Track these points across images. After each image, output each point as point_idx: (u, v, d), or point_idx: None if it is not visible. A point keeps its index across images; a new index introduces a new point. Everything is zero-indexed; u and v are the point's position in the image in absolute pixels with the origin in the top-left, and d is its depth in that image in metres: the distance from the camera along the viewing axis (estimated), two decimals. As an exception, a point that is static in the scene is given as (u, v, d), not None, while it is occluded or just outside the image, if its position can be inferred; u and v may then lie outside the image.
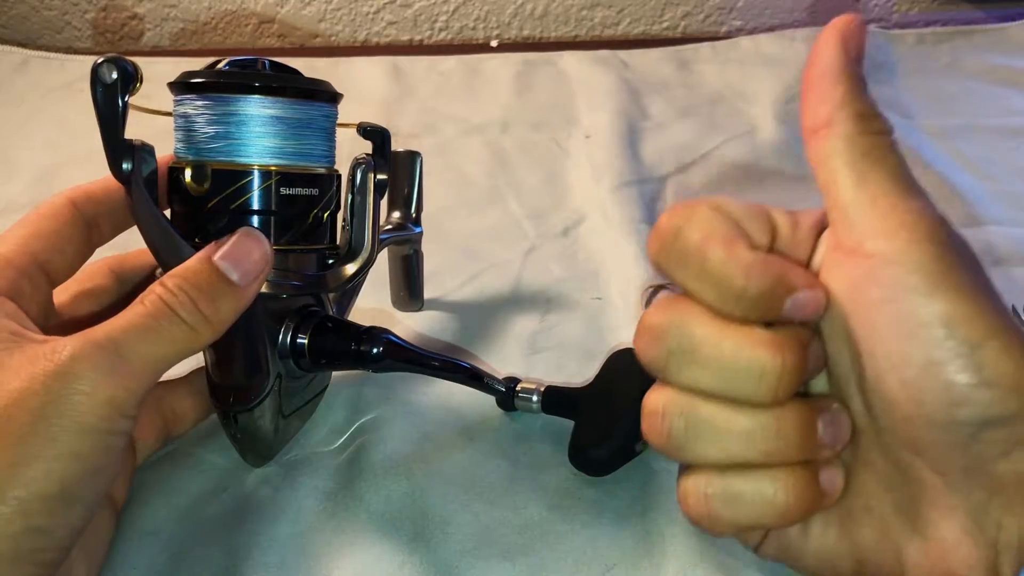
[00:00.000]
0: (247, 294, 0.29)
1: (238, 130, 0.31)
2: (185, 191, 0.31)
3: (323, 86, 0.33)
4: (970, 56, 0.72)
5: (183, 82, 0.32)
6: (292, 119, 0.32)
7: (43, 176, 0.56)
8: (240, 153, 0.31)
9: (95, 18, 0.79)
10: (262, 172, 0.31)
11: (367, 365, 0.36)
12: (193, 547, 0.33)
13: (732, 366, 0.24)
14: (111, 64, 0.28)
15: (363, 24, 0.80)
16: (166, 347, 0.27)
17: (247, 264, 0.29)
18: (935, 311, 0.22)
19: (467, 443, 0.38)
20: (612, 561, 0.33)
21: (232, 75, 0.32)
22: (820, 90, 0.26)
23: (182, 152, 0.32)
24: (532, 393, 0.37)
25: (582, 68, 0.70)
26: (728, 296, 0.24)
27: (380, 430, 0.38)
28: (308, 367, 0.36)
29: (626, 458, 0.35)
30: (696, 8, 0.80)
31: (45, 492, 0.25)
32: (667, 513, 0.34)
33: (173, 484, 0.36)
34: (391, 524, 0.34)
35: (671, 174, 0.57)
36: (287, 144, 0.32)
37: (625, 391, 0.35)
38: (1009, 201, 0.54)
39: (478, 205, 0.55)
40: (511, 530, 0.34)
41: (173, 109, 0.32)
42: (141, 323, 0.27)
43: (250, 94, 0.31)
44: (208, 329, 0.28)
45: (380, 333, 0.36)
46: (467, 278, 0.48)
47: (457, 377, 0.38)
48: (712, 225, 0.25)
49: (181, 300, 0.28)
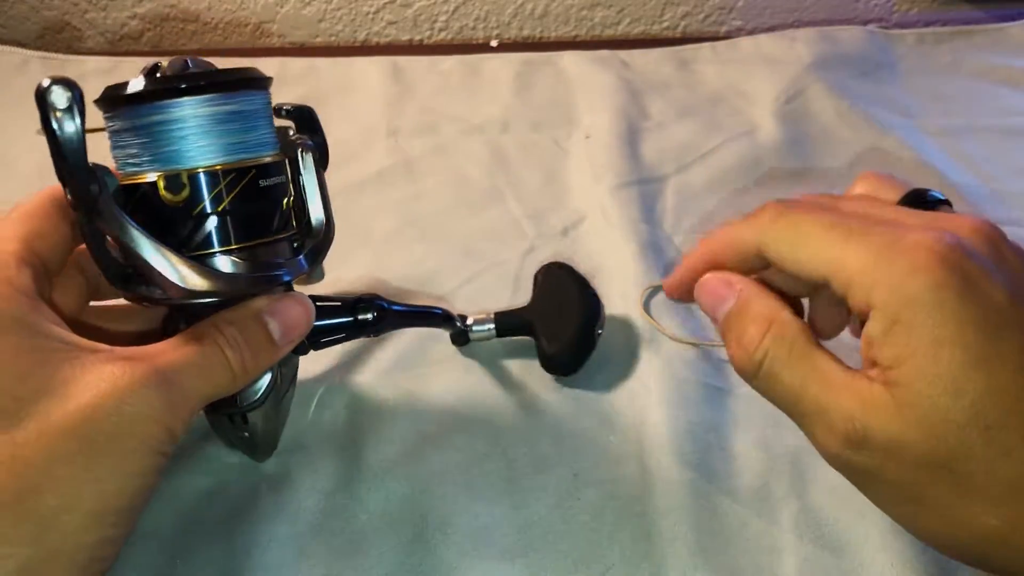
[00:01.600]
0: (282, 354, 0.32)
1: (208, 131, 0.30)
2: (157, 204, 0.30)
3: (260, 73, 0.32)
4: (970, 56, 0.72)
5: (131, 94, 0.30)
6: (249, 112, 0.31)
7: (43, 176, 0.56)
8: (214, 154, 0.30)
9: (95, 18, 0.78)
10: (241, 169, 0.31)
11: (367, 332, 0.37)
12: (193, 547, 0.33)
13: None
14: (62, 86, 0.27)
15: (363, 24, 0.80)
16: (212, 388, 0.30)
17: (291, 329, 0.32)
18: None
19: (467, 443, 0.38)
20: (612, 561, 0.33)
21: (192, 77, 0.30)
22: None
23: (138, 166, 0.30)
24: (485, 323, 0.41)
25: (582, 68, 0.70)
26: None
27: (379, 431, 0.38)
28: (303, 348, 0.36)
29: (591, 347, 0.40)
30: (696, 8, 0.80)
31: (117, 506, 0.27)
32: (667, 513, 0.34)
33: (173, 485, 0.36)
34: (390, 525, 0.34)
35: (671, 174, 0.57)
36: (251, 137, 0.31)
37: (566, 294, 0.41)
38: (1009, 201, 0.54)
39: (478, 205, 0.55)
40: (511, 530, 0.34)
41: (111, 124, 0.31)
42: (197, 361, 0.29)
43: (204, 93, 0.30)
44: (244, 379, 0.31)
45: (372, 299, 0.37)
46: (467, 278, 0.48)
47: (434, 322, 0.41)
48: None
49: (234, 349, 0.30)
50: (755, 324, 0.29)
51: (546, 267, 0.43)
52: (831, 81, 0.66)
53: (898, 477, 0.26)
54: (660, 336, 0.43)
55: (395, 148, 0.60)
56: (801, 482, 0.36)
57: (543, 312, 0.41)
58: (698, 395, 0.39)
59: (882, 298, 0.26)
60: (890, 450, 0.26)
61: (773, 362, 0.28)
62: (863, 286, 0.26)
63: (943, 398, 0.25)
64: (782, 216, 0.29)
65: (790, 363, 0.28)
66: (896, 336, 0.25)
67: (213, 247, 0.31)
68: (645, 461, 0.36)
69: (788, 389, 0.28)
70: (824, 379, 0.27)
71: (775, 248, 0.29)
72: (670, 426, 0.38)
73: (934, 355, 0.25)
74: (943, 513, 0.26)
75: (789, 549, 0.33)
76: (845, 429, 0.26)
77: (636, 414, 0.39)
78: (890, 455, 0.26)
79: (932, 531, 0.27)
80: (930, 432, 0.25)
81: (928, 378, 0.25)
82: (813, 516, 0.34)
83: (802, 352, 0.28)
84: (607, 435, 0.38)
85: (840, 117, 0.62)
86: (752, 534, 0.33)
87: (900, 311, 0.25)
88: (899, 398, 0.25)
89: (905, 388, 0.25)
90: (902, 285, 0.25)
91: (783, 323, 0.29)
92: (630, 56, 0.72)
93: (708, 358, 0.42)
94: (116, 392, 0.27)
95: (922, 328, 0.25)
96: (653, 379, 0.40)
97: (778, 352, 0.28)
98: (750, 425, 0.38)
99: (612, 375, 0.41)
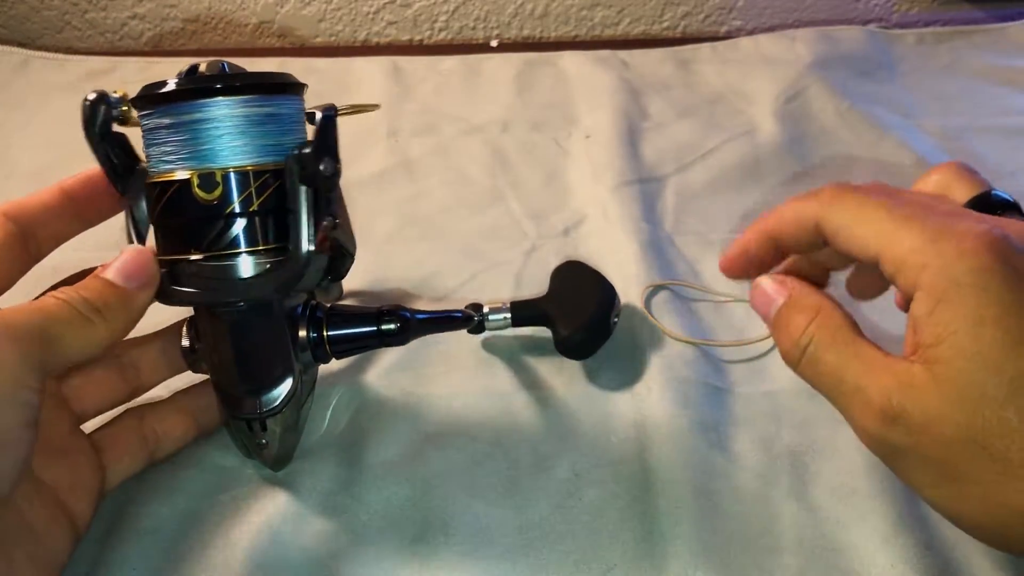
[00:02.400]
0: (137, 297, 0.31)
1: (244, 132, 0.31)
2: (189, 202, 0.31)
3: (295, 79, 0.33)
4: (970, 56, 0.72)
5: (173, 91, 0.31)
6: (284, 115, 0.32)
7: (43, 176, 0.56)
8: (248, 155, 0.31)
9: (95, 18, 0.78)
10: (274, 171, 0.31)
11: (390, 342, 0.37)
12: (194, 547, 0.33)
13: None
14: (100, 101, 0.31)
15: (363, 24, 0.80)
16: (64, 329, 0.29)
17: (128, 268, 0.31)
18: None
19: (468, 444, 0.38)
20: (613, 561, 0.33)
21: (232, 78, 0.31)
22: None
23: (172, 164, 0.31)
24: (500, 311, 0.41)
25: (582, 68, 0.70)
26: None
27: (381, 432, 0.38)
28: (325, 357, 0.36)
29: (607, 332, 0.41)
30: (696, 8, 0.80)
31: None
32: (668, 513, 0.34)
33: (174, 484, 0.36)
34: (392, 525, 0.34)
35: (671, 174, 0.57)
36: (285, 140, 0.32)
37: (581, 284, 0.43)
38: (1009, 201, 0.54)
39: (479, 205, 0.55)
40: (512, 531, 0.34)
41: (147, 122, 0.31)
42: (37, 307, 0.29)
43: (244, 95, 0.30)
44: (106, 327, 0.30)
45: (395, 310, 0.37)
46: (468, 278, 0.48)
47: (455, 325, 0.40)
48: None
49: (74, 298, 0.30)
50: (802, 313, 0.30)
51: (562, 264, 0.44)
52: (831, 81, 0.66)
53: (934, 454, 0.26)
54: (661, 335, 0.43)
55: (395, 148, 0.60)
56: (802, 482, 0.36)
57: (559, 302, 0.42)
58: (699, 394, 0.39)
59: (929, 279, 0.26)
60: (926, 426, 0.26)
61: (817, 346, 0.29)
62: (913, 266, 0.27)
63: (982, 375, 0.25)
64: (846, 193, 0.30)
65: (833, 347, 0.29)
66: (939, 315, 0.26)
67: (239, 247, 0.31)
68: (646, 460, 0.36)
69: (830, 371, 0.29)
70: (865, 361, 0.28)
71: (835, 222, 0.30)
72: (671, 425, 0.38)
73: (976, 334, 0.25)
74: (981, 493, 0.26)
75: (790, 549, 0.33)
76: (882, 405, 0.27)
77: (637, 413, 0.39)
78: (926, 431, 0.26)
79: (971, 514, 0.27)
80: (967, 408, 0.25)
81: (968, 355, 0.25)
82: (813, 516, 0.34)
83: (845, 338, 0.29)
84: (608, 435, 0.38)
85: (840, 117, 0.62)
86: (753, 534, 0.33)
87: (946, 291, 0.26)
88: (938, 375, 0.26)
89: (945, 365, 0.26)
90: (949, 267, 0.26)
91: (828, 312, 0.30)
92: (630, 56, 0.72)
93: (709, 358, 0.42)
94: None
95: (965, 308, 0.26)
96: (654, 379, 0.40)
97: (822, 337, 0.29)
98: (751, 425, 0.38)
99: (613, 374, 0.41)
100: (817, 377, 0.30)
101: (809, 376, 0.30)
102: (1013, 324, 0.25)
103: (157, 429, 0.36)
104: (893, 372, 0.27)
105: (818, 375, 0.30)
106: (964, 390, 0.25)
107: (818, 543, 0.33)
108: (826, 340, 0.29)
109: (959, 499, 0.27)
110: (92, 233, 0.35)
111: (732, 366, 0.42)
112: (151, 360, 0.36)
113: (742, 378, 0.41)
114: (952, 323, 0.26)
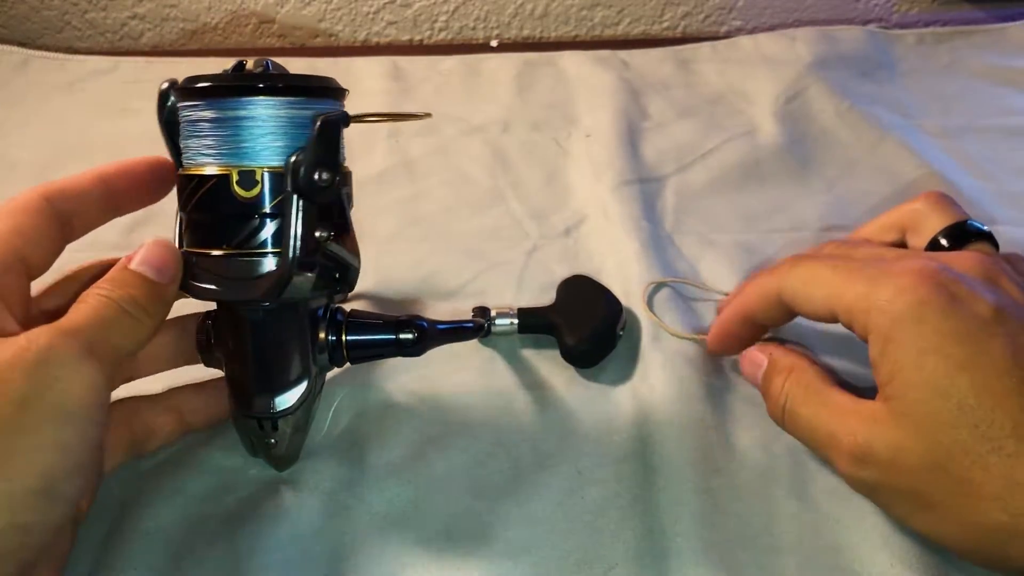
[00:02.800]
0: (167, 289, 0.31)
1: (287, 133, 0.31)
2: (226, 198, 0.30)
3: (339, 85, 0.34)
4: (970, 56, 0.72)
5: (222, 86, 0.31)
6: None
7: (43, 176, 0.56)
8: (288, 156, 0.30)
9: (95, 18, 0.78)
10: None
11: (407, 352, 0.37)
12: (196, 547, 0.33)
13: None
14: (171, 88, 0.32)
15: (363, 24, 0.80)
16: (123, 337, 0.29)
17: (158, 261, 0.31)
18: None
19: (470, 443, 0.38)
20: (615, 560, 0.33)
21: (281, 78, 0.31)
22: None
23: (211, 158, 0.31)
24: (507, 317, 0.42)
25: (582, 68, 0.70)
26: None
27: (383, 432, 0.38)
28: (341, 361, 0.36)
29: (612, 344, 0.42)
30: (696, 8, 0.80)
31: (29, 486, 0.24)
32: (670, 511, 0.34)
33: (176, 484, 0.36)
34: (393, 526, 0.34)
35: (671, 174, 0.57)
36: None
37: (588, 297, 0.43)
38: (1009, 201, 0.54)
39: (479, 205, 0.55)
40: (513, 531, 0.34)
41: (188, 114, 0.31)
42: (99, 314, 0.28)
43: (292, 96, 0.30)
44: (148, 322, 0.30)
45: (414, 320, 0.37)
46: (469, 278, 0.48)
47: (469, 335, 0.41)
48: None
49: (120, 295, 0.29)
50: (780, 375, 0.33)
51: (569, 277, 0.46)
52: (831, 81, 0.66)
53: (905, 485, 0.27)
54: (663, 334, 0.43)
55: (396, 148, 0.60)
56: (802, 481, 0.36)
57: (566, 312, 0.42)
58: (700, 393, 0.39)
59: (876, 322, 0.28)
60: (892, 460, 0.27)
61: (792, 402, 0.32)
62: (861, 313, 0.29)
63: (933, 403, 0.26)
64: (799, 262, 0.33)
65: (806, 400, 0.31)
66: (889, 354, 0.28)
67: (267, 248, 0.31)
68: (648, 459, 0.36)
69: (805, 423, 0.31)
70: (834, 409, 0.30)
71: (790, 291, 0.33)
72: (673, 424, 0.38)
73: (919, 365, 0.27)
74: (954, 515, 0.27)
75: (790, 548, 0.33)
76: (850, 446, 0.28)
77: (639, 412, 0.39)
78: (893, 464, 0.27)
79: (953, 537, 0.28)
80: (924, 436, 0.27)
81: (915, 386, 0.27)
82: (813, 515, 0.34)
83: (816, 390, 0.31)
84: (610, 434, 0.38)
85: (840, 117, 0.62)
86: (754, 532, 0.34)
87: (890, 330, 0.28)
88: (894, 409, 0.27)
89: (899, 399, 0.27)
90: (890, 306, 0.28)
91: (801, 370, 0.33)
92: (630, 56, 0.72)
93: (710, 356, 0.42)
94: (23, 361, 0.25)
95: (908, 342, 0.27)
96: (656, 377, 0.40)
97: (796, 393, 0.32)
98: (752, 423, 0.38)
99: (615, 373, 0.41)
100: (796, 431, 0.32)
101: (791, 431, 0.33)
102: (953, 350, 0.27)
103: (148, 422, 0.36)
104: (858, 414, 0.29)
105: (797, 429, 0.32)
106: (919, 420, 0.27)
107: (818, 542, 0.33)
108: (800, 396, 0.32)
109: (939, 524, 0.28)
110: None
111: (733, 365, 0.42)
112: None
113: (743, 377, 0.41)
114: (899, 359, 0.27)
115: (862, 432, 0.28)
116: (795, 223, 0.53)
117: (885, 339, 0.28)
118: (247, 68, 0.32)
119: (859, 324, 0.30)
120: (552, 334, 0.42)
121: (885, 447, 0.27)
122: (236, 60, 0.32)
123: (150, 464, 0.37)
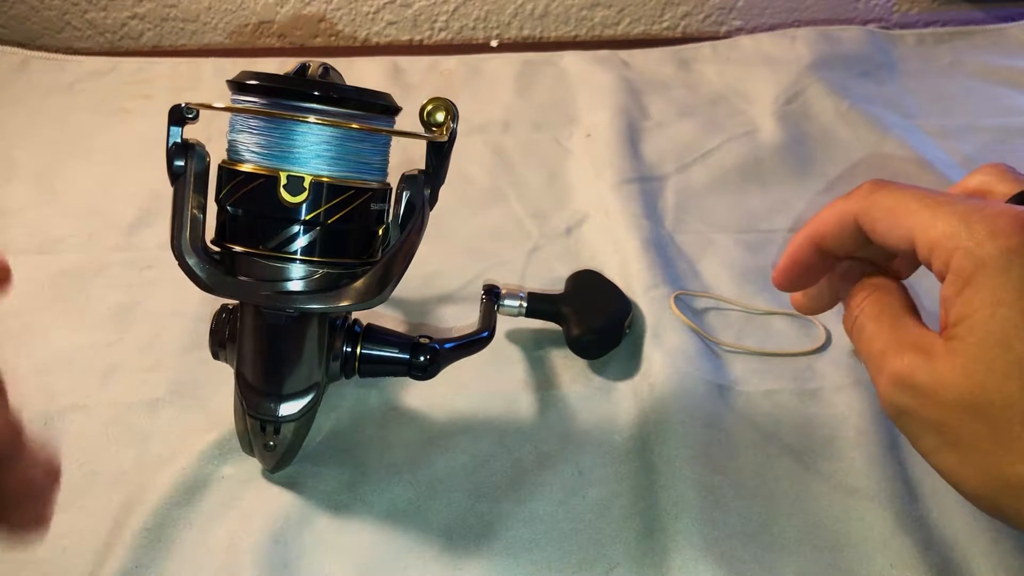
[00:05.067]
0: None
1: (341, 144, 0.31)
2: (270, 199, 0.30)
3: (395, 103, 0.33)
4: (970, 56, 0.72)
5: (290, 89, 0.30)
6: (378, 136, 0.32)
7: (43, 176, 0.56)
8: (338, 167, 0.31)
9: (95, 18, 0.78)
10: (359, 188, 0.31)
11: (418, 375, 0.36)
12: (197, 549, 0.33)
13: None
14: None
15: (363, 24, 0.80)
16: None
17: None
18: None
19: (471, 444, 0.38)
20: (616, 559, 0.33)
21: (347, 90, 0.31)
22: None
23: (259, 157, 0.31)
24: (516, 298, 0.42)
25: (582, 68, 0.70)
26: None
27: (385, 433, 0.38)
28: (351, 372, 0.36)
29: (619, 338, 0.42)
30: (696, 8, 0.80)
31: None
32: (671, 510, 0.34)
33: (177, 484, 0.36)
34: (394, 526, 0.34)
35: (671, 173, 0.57)
36: (373, 160, 0.32)
37: (599, 292, 0.44)
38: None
39: (481, 205, 0.55)
40: (515, 531, 0.34)
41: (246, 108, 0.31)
42: None
43: (354, 108, 0.31)
44: None
45: (429, 343, 0.36)
46: (471, 278, 0.48)
47: (480, 346, 0.40)
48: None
49: None
50: (864, 290, 0.32)
51: (580, 271, 0.46)
52: (831, 81, 0.66)
53: (936, 416, 0.27)
54: (664, 333, 0.43)
55: (396, 148, 0.60)
56: (802, 481, 0.36)
57: (574, 303, 0.43)
58: (701, 392, 0.40)
59: (958, 262, 0.27)
60: (932, 390, 0.27)
61: (864, 316, 0.31)
62: (944, 250, 0.28)
63: (991, 350, 0.26)
64: (881, 187, 0.31)
65: (877, 316, 0.31)
66: (964, 296, 0.27)
67: (297, 254, 0.31)
68: (649, 458, 0.37)
69: (867, 337, 0.31)
70: (898, 332, 0.30)
71: (871, 215, 0.31)
72: (673, 423, 0.38)
73: (991, 313, 0.26)
74: (978, 461, 0.27)
75: (790, 547, 0.33)
76: (897, 368, 0.28)
77: (639, 411, 0.39)
78: (931, 395, 0.27)
79: (970, 482, 0.28)
80: (971, 378, 0.27)
81: (980, 332, 0.26)
82: (814, 515, 0.34)
83: (892, 311, 0.31)
84: (611, 433, 0.38)
85: (840, 117, 0.62)
86: (754, 531, 0.34)
87: (973, 274, 0.27)
88: (952, 348, 0.27)
89: (959, 341, 0.27)
90: (978, 248, 0.27)
91: (885, 290, 0.32)
92: (630, 56, 0.72)
93: (711, 356, 0.42)
94: None
95: (987, 289, 0.27)
96: (656, 377, 0.40)
97: (871, 309, 0.31)
98: (753, 423, 0.38)
99: (616, 374, 0.41)
100: (858, 343, 0.31)
101: (854, 341, 0.32)
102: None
103: None
104: (916, 343, 0.29)
105: (859, 340, 0.31)
106: (971, 362, 0.26)
107: (818, 542, 0.33)
108: (873, 312, 0.31)
109: (960, 465, 0.28)
110: (87, 231, 0.34)
111: (734, 365, 0.42)
112: None
113: (744, 377, 0.41)
114: (973, 303, 0.27)
115: (911, 358, 0.28)
116: (795, 222, 0.53)
117: (965, 281, 0.27)
118: (310, 72, 0.32)
119: (940, 260, 0.28)
120: (559, 322, 0.42)
121: (928, 376, 0.27)
122: (299, 63, 0.32)
123: (150, 464, 0.37)
